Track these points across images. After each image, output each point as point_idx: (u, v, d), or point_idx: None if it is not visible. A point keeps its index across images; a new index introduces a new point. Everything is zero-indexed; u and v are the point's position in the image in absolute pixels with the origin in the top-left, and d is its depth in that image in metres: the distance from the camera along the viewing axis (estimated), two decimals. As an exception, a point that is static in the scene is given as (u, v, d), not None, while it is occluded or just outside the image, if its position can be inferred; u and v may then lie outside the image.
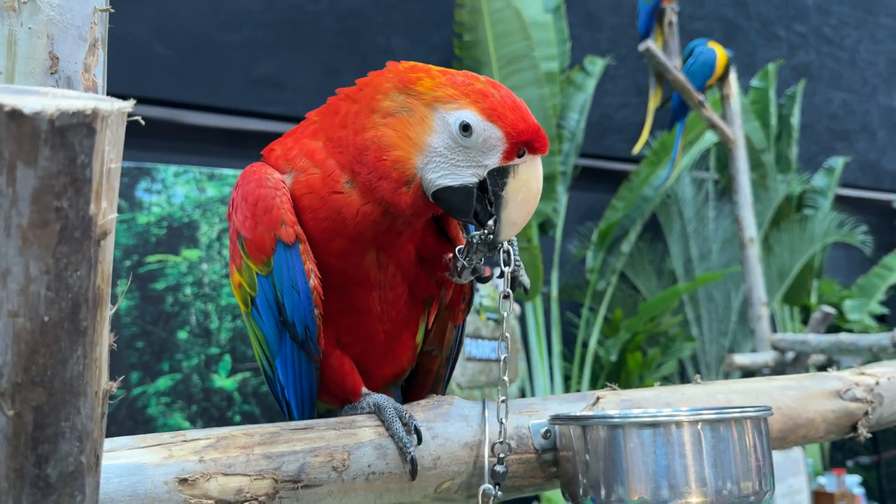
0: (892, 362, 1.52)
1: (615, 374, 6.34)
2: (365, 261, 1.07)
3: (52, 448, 0.56)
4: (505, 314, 1.04)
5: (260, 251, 1.03)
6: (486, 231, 1.04)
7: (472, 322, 4.50)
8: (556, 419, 0.97)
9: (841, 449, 8.26)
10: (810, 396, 1.28)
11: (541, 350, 6.33)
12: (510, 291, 1.05)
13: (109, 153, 0.53)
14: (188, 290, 5.08)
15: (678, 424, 0.85)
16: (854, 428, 1.33)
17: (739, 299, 7.22)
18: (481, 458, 0.96)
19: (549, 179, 6.30)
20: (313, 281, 1.02)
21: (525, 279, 1.08)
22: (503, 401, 0.96)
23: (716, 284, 7.28)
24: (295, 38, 5.86)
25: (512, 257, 1.06)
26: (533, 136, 1.03)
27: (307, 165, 1.06)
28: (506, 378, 1.00)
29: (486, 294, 4.58)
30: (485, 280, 1.15)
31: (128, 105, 0.54)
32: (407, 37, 6.48)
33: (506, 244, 1.07)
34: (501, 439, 0.95)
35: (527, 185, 1.03)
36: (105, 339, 0.58)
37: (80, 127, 0.50)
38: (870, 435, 1.33)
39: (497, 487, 0.98)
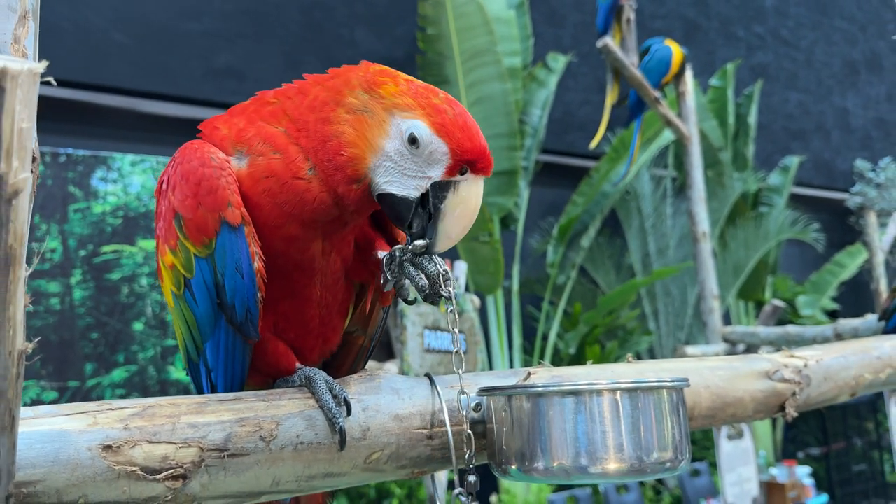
0: (821, 346, 1.58)
1: (573, 367, 6.40)
2: (312, 247, 1.08)
3: (-36, 406, 0.57)
4: (455, 331, 1.06)
5: (201, 232, 1.02)
6: (413, 245, 1.07)
7: (431, 313, 4.52)
8: (484, 390, 0.99)
9: (793, 441, 8.48)
10: (739, 377, 1.32)
11: (501, 342, 6.38)
12: (453, 307, 1.06)
13: (21, 112, 0.53)
14: (144, 281, 5.01)
15: (597, 393, 0.89)
16: (782, 408, 1.38)
17: (695, 294, 7.36)
18: (409, 430, 0.98)
19: (510, 174, 6.35)
20: (258, 263, 1.03)
21: (453, 292, 1.09)
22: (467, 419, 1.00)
23: (673, 279, 7.42)
24: (257, 28, 5.81)
25: (440, 274, 1.07)
26: (478, 156, 1.06)
27: (266, 150, 1.06)
28: (461, 371, 1.03)
29: (445, 286, 4.58)
30: (409, 302, 1.16)
31: (39, 66, 0.54)
32: (371, 29, 6.46)
33: (441, 266, 1.08)
34: (470, 451, 1.00)
35: (465, 201, 1.06)
36: (20, 300, 0.58)
37: (-10, 86, 0.50)
38: (796, 415, 1.38)
39: (470, 498, 1.00)
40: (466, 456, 1.02)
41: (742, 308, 8.29)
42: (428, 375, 1.08)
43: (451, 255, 5.61)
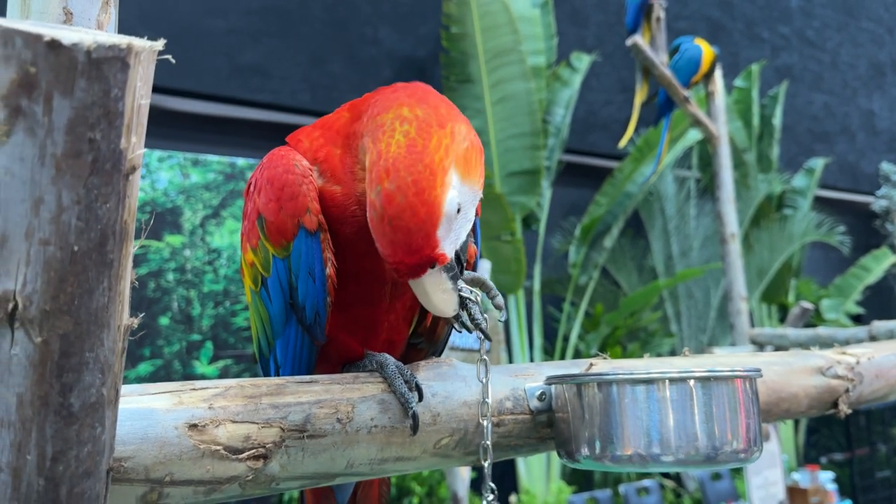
0: (872, 343, 1.57)
1: (595, 368, 6.38)
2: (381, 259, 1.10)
3: (77, 377, 0.58)
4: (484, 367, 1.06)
5: (281, 235, 1.05)
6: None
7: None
8: (552, 379, 1.00)
9: (815, 446, 8.41)
10: (794, 372, 1.32)
11: (522, 343, 6.37)
12: (485, 348, 1.06)
13: (141, 89, 0.54)
14: (170, 276, 5.05)
15: (671, 381, 0.89)
16: (835, 404, 1.38)
17: (718, 296, 7.32)
18: (478, 417, 0.99)
19: (533, 174, 6.34)
20: (330, 269, 1.06)
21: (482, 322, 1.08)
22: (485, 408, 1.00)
23: (695, 281, 7.37)
24: (281, 26, 5.84)
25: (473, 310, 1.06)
26: (394, 266, 1.02)
27: (328, 175, 1.07)
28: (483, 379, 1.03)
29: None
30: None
31: (158, 44, 0.55)
32: (395, 28, 6.48)
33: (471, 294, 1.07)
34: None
35: (419, 292, 1.02)
36: (128, 274, 0.59)
37: (115, 60, 0.51)
38: (849, 411, 1.37)
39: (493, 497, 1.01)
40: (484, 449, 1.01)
41: (765, 311, 8.23)
42: (486, 362, 1.07)
43: (475, 253, 5.62)
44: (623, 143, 5.29)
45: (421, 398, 0.98)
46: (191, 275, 5.07)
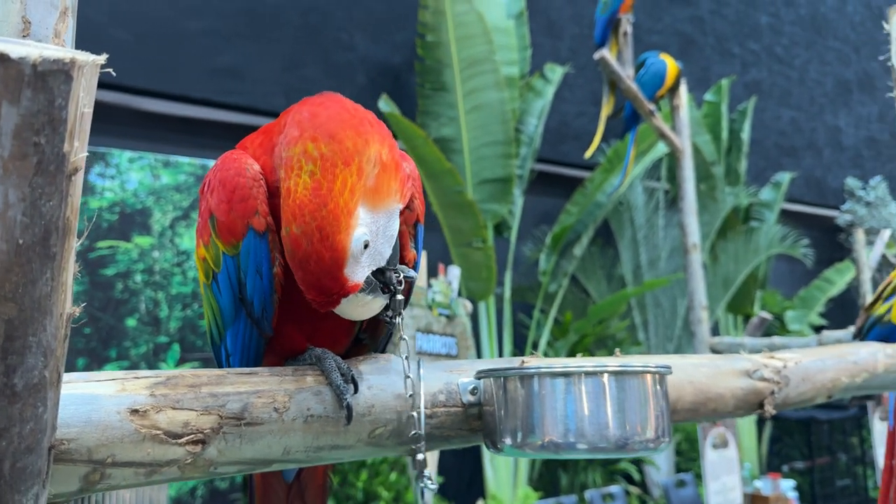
0: (800, 349, 1.66)
1: (563, 375, 6.46)
2: None
3: (20, 360, 0.63)
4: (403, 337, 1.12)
5: (230, 234, 1.11)
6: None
7: (423, 317, 4.58)
8: (481, 373, 1.06)
9: (778, 455, 8.57)
10: (721, 374, 1.39)
11: (492, 349, 6.44)
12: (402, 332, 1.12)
13: (83, 99, 0.60)
14: (138, 278, 5.05)
15: (586, 374, 0.96)
16: (761, 405, 1.45)
17: (685, 305, 7.45)
18: (411, 409, 1.05)
19: (505, 182, 6.43)
20: (277, 268, 1.11)
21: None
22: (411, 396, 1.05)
23: (663, 291, 7.50)
24: (256, 29, 5.87)
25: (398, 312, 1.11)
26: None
27: (270, 179, 1.12)
28: (409, 376, 1.09)
29: (438, 290, 4.65)
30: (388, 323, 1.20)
31: (101, 58, 0.61)
32: (370, 34, 6.54)
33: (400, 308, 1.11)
34: (417, 430, 1.04)
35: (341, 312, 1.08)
36: (71, 267, 0.65)
37: (60, 73, 0.57)
38: (774, 412, 1.45)
39: (428, 481, 1.07)
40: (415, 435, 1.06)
41: (731, 321, 8.38)
42: (419, 361, 1.13)
43: (445, 259, 5.68)
44: (589, 153, 5.40)
45: (356, 390, 1.04)
46: (159, 276, 5.07)
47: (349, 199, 0.99)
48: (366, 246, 1.02)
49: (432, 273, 4.75)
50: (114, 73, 0.64)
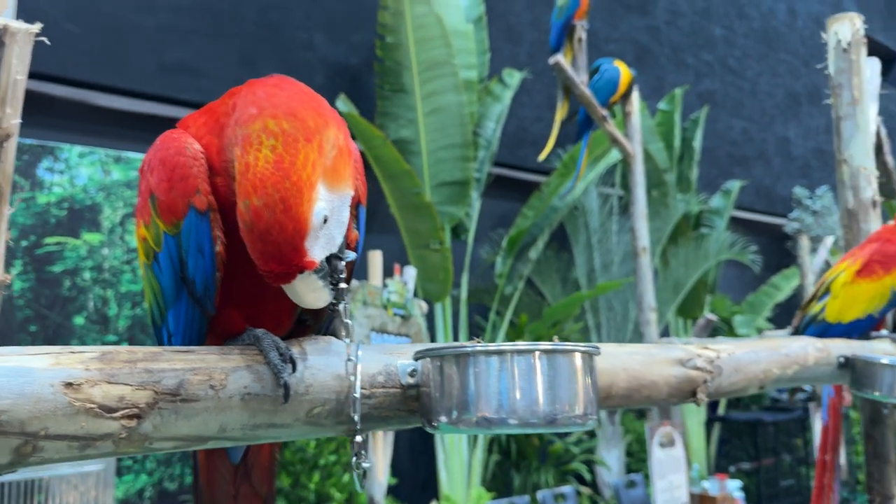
0: (734, 340, 1.72)
1: (517, 376, 6.52)
2: None
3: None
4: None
5: (171, 213, 1.10)
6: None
7: (378, 316, 4.59)
8: (419, 353, 1.09)
9: (726, 456, 8.77)
10: (655, 362, 1.44)
11: (447, 350, 6.46)
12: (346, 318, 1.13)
13: (16, 66, 0.61)
14: (87, 275, 4.95)
15: (519, 353, 0.99)
16: (694, 393, 1.51)
17: (636, 309, 7.58)
18: (349, 389, 1.07)
19: (462, 185, 6.47)
20: (219, 246, 1.12)
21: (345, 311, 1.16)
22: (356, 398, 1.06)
23: (615, 294, 7.63)
24: (212, 25, 5.80)
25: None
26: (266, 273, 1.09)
27: (215, 159, 1.12)
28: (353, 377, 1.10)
29: (394, 290, 4.67)
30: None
31: (35, 27, 0.62)
32: (328, 34, 6.53)
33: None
34: (359, 438, 1.06)
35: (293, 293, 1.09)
36: (3, 234, 0.66)
37: (-9, 37, 0.58)
38: (707, 400, 1.51)
39: (361, 459, 1.09)
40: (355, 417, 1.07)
41: (681, 325, 8.56)
42: (358, 344, 1.15)
43: (402, 260, 5.69)
44: (543, 156, 5.47)
45: (294, 369, 1.05)
46: (108, 274, 4.99)
47: (311, 173, 1.00)
48: (325, 221, 1.03)
49: (388, 273, 4.76)
50: (48, 42, 0.64)
